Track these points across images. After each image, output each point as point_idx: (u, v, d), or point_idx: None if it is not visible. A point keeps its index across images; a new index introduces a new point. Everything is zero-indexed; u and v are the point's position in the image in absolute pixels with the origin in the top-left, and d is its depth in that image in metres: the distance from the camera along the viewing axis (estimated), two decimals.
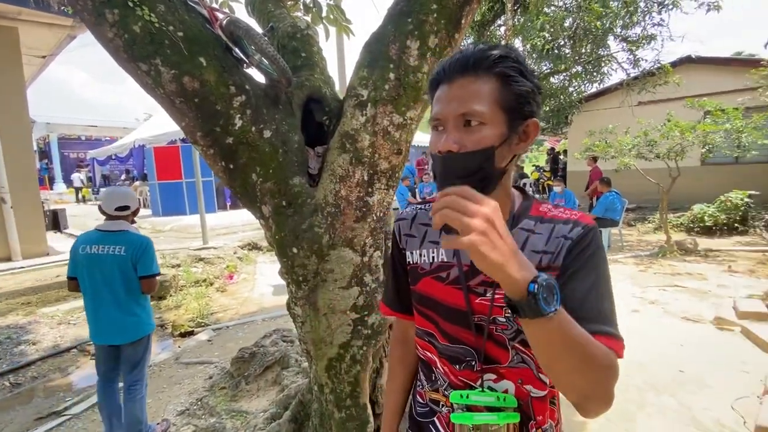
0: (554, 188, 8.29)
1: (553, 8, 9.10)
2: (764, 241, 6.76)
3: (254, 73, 1.69)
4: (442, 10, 1.49)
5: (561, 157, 14.32)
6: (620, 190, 7.15)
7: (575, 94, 10.37)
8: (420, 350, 0.90)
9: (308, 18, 2.76)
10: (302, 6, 2.79)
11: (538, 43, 8.64)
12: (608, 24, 8.43)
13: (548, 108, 10.94)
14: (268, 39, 1.76)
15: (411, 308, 0.91)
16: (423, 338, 0.87)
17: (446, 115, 0.70)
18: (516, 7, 9.65)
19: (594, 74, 9.64)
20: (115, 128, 21.77)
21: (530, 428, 0.77)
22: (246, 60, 1.61)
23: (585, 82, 9.98)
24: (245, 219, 9.39)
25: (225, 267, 6.34)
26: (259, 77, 1.69)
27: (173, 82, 1.38)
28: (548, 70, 9.84)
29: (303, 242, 1.58)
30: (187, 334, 4.29)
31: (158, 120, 10.59)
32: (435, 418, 0.85)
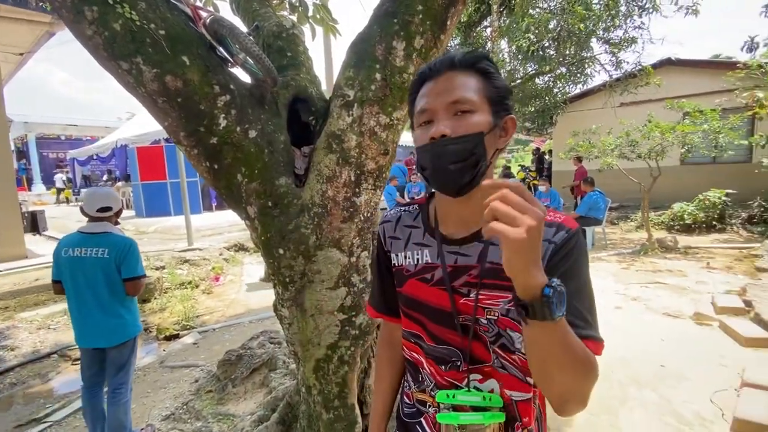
0: (540, 188, 8.41)
1: (538, 10, 9.23)
2: (741, 239, 6.97)
3: (239, 73, 1.68)
4: (428, 12, 1.50)
5: (546, 157, 14.53)
6: (603, 190, 7.29)
7: (560, 95, 10.54)
8: (407, 351, 0.90)
9: (294, 17, 2.75)
10: (288, 5, 2.77)
11: (524, 45, 8.76)
12: (591, 26, 8.59)
13: (533, 109, 11.09)
14: (253, 38, 1.74)
15: (397, 310, 0.91)
16: (409, 340, 0.88)
17: (436, 106, 0.73)
18: (502, 9, 9.77)
19: (578, 75, 9.82)
20: (97, 127, 21.25)
21: (515, 429, 0.78)
22: (231, 59, 1.60)
23: (569, 84, 10.15)
24: (231, 220, 9.27)
25: (211, 269, 6.25)
26: (245, 77, 1.67)
27: (155, 81, 1.35)
28: (533, 71, 9.98)
29: (289, 243, 1.57)
30: (173, 338, 4.21)
31: (141, 119, 10.39)
32: (422, 419, 0.86)
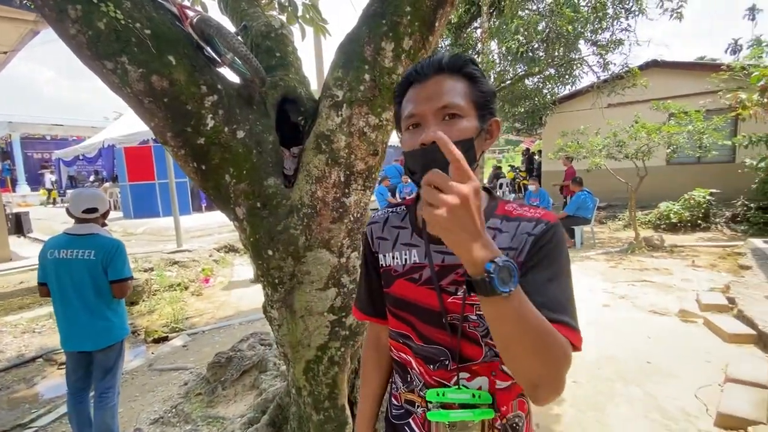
0: (529, 187, 8.50)
1: (527, 12, 9.32)
2: (725, 237, 7.12)
3: (228, 73, 1.67)
4: (416, 13, 1.51)
5: (536, 157, 14.66)
6: (592, 189, 7.39)
7: (549, 96, 10.67)
8: (395, 352, 0.90)
9: (283, 17, 2.74)
10: (277, 5, 2.76)
11: (513, 46, 8.83)
12: (579, 28, 8.71)
13: (523, 109, 11.20)
14: (241, 38, 1.73)
15: (384, 312, 0.91)
16: (398, 340, 0.88)
17: (425, 111, 0.73)
18: (492, 10, 9.84)
19: (566, 77, 9.95)
20: (83, 127, 20.84)
21: (494, 420, 0.79)
22: (218, 59, 1.58)
23: (558, 85, 10.28)
24: (221, 221, 9.18)
25: (200, 270, 6.19)
26: (233, 77, 1.66)
27: (141, 81, 1.34)
28: (523, 72, 10.06)
29: (278, 244, 1.57)
30: (161, 340, 4.16)
31: (129, 119, 10.22)
32: (410, 420, 0.86)
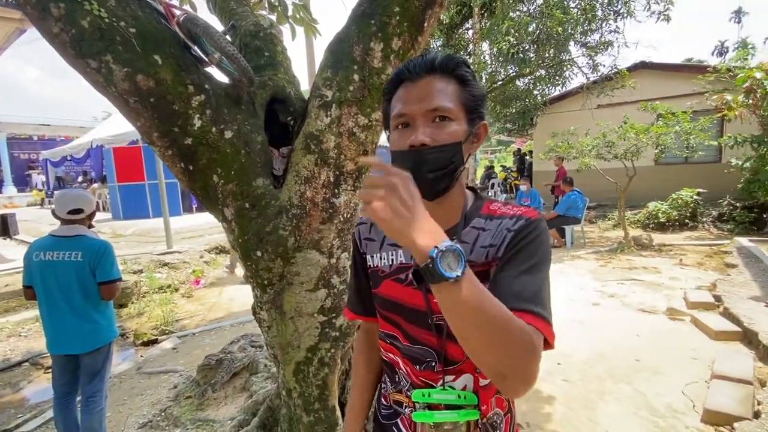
0: (521, 187, 8.57)
1: (518, 13, 9.40)
2: (711, 236, 7.24)
3: (216, 73, 1.65)
4: (405, 13, 1.51)
5: (527, 158, 14.78)
6: (582, 189, 7.47)
7: (539, 97, 10.76)
8: (383, 352, 0.90)
9: (273, 17, 2.72)
10: (267, 4, 2.74)
11: (504, 47, 8.89)
12: (569, 30, 8.79)
13: (514, 110, 11.28)
14: (229, 37, 1.72)
15: (374, 311, 0.91)
16: (385, 340, 0.88)
17: (416, 111, 0.72)
18: (483, 12, 9.90)
19: (556, 78, 10.04)
20: (71, 127, 20.57)
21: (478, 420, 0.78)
22: (206, 58, 1.57)
23: (548, 86, 10.37)
24: (212, 222, 9.06)
25: (191, 272, 6.13)
26: (221, 77, 1.65)
27: (126, 81, 1.32)
28: (514, 74, 10.14)
29: (267, 245, 1.56)
30: (151, 343, 4.11)
31: (118, 119, 10.09)
32: (398, 420, 0.86)
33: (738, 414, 2.30)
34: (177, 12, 1.47)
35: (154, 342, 4.12)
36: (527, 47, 9.39)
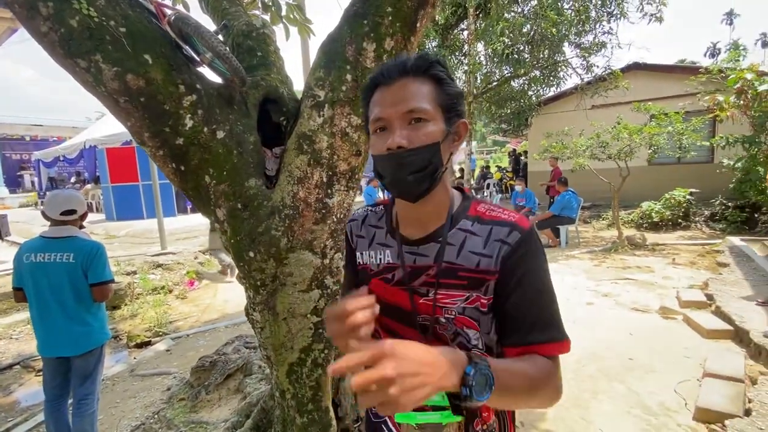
0: (516, 188, 8.60)
1: (513, 14, 9.43)
2: (704, 235, 7.30)
3: (208, 73, 1.64)
4: (397, 13, 1.50)
5: (522, 158, 14.82)
6: (576, 189, 7.51)
7: (534, 98, 10.79)
8: None
9: (267, 17, 2.71)
10: (261, 4, 2.73)
11: (499, 48, 8.93)
12: (563, 31, 8.84)
13: (509, 110, 11.32)
14: (222, 37, 1.71)
15: None
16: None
17: (391, 115, 0.72)
18: (478, 12, 9.92)
19: (551, 79, 10.07)
20: (64, 128, 20.40)
21: (475, 426, 0.79)
22: (197, 58, 1.56)
23: (543, 86, 10.40)
24: (206, 222, 9.05)
25: (185, 273, 6.09)
26: (213, 76, 1.64)
27: (116, 80, 1.31)
28: (509, 74, 10.17)
29: (260, 246, 1.55)
30: (144, 345, 4.08)
31: (111, 119, 10.01)
32: (386, 419, 0.87)
33: (729, 411, 2.32)
34: (168, 11, 1.46)
35: (148, 344, 4.09)
36: (522, 48, 9.43)
